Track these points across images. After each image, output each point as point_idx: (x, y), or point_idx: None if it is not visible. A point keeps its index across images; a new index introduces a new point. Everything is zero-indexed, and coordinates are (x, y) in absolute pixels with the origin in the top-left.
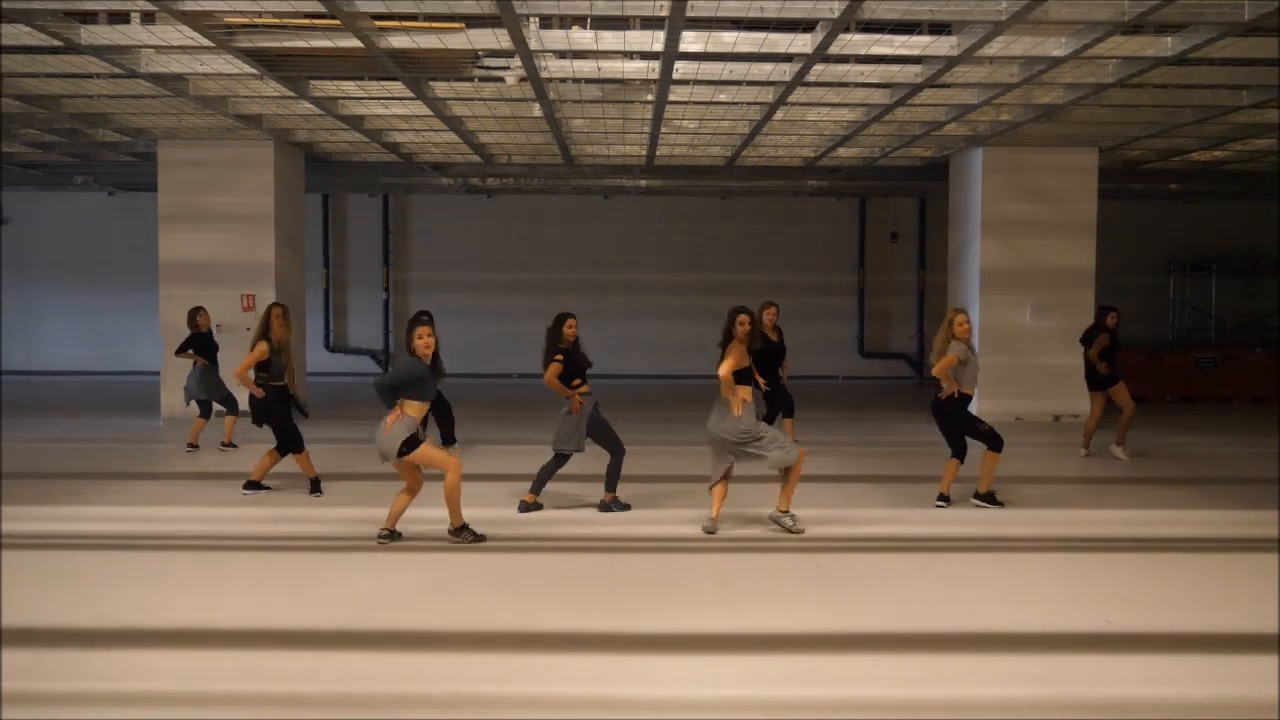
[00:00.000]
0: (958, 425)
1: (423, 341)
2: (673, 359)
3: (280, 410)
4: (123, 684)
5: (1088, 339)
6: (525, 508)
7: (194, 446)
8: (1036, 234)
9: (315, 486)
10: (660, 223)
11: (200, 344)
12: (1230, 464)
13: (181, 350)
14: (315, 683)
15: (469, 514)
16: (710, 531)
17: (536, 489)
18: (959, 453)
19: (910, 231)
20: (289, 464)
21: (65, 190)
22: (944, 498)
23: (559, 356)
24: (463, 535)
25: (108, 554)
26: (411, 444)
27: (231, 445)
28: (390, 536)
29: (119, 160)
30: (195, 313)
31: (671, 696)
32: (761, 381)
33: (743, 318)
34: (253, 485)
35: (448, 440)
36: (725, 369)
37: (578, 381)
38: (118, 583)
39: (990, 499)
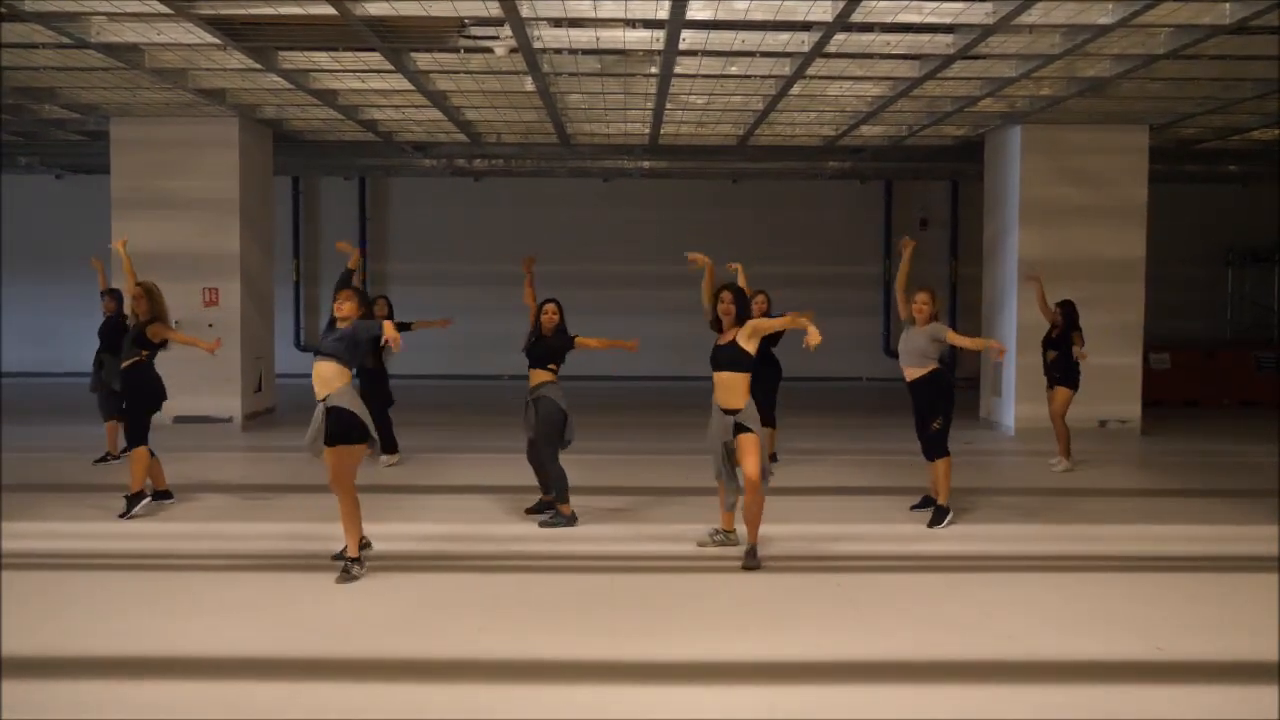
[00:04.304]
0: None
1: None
2: (679, 358)
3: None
4: (68, 715)
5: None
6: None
7: (116, 457)
8: (1080, 221)
9: (133, 502)
10: (665, 208)
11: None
12: None
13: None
14: (289, 715)
15: (456, 529)
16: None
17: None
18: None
19: (941, 218)
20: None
21: (8, 172)
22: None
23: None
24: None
25: (55, 574)
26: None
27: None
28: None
29: (67, 139)
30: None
31: None
32: None
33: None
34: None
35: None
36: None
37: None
38: (63, 605)
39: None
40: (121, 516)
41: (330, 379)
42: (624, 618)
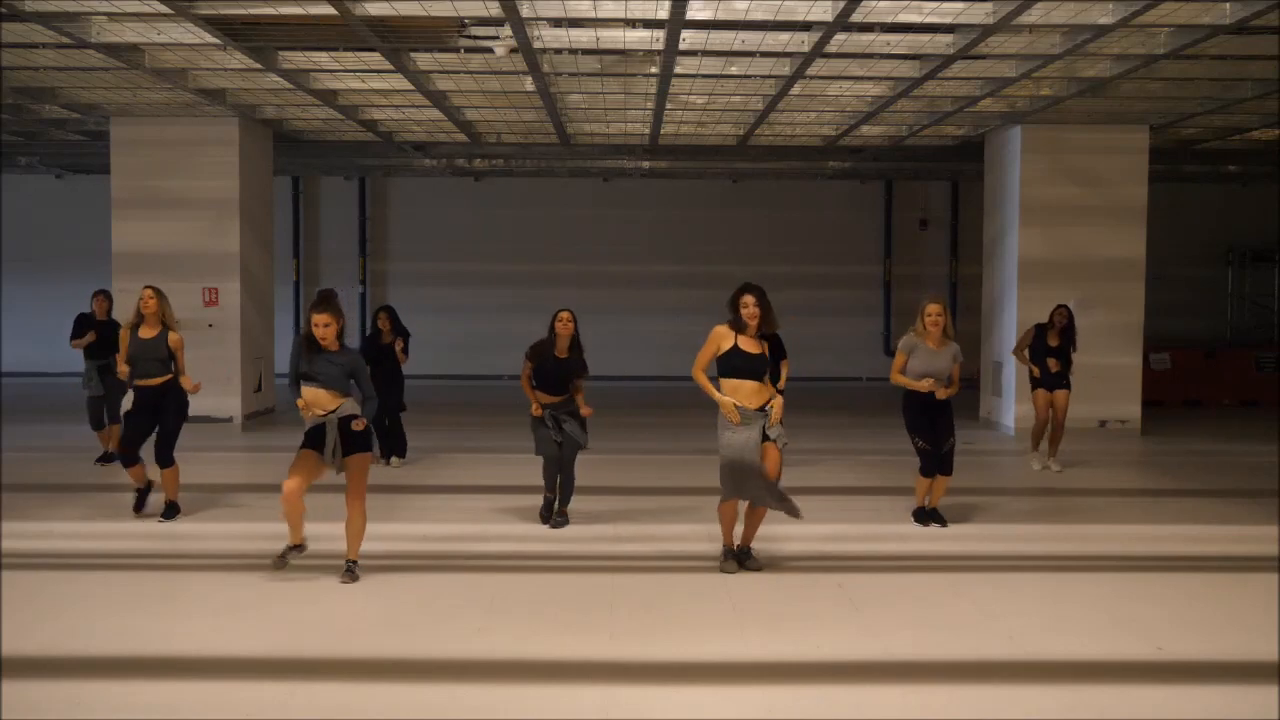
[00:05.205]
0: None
1: (318, 331)
2: (679, 359)
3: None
4: (67, 716)
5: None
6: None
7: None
8: (1081, 220)
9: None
10: (665, 208)
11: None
12: None
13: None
14: (289, 715)
15: (456, 529)
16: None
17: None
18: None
19: (941, 218)
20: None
21: (9, 172)
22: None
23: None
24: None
25: (55, 574)
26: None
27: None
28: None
29: (68, 139)
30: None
31: None
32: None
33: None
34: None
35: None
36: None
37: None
38: (63, 605)
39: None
40: (164, 518)
41: (333, 400)
42: (624, 618)
